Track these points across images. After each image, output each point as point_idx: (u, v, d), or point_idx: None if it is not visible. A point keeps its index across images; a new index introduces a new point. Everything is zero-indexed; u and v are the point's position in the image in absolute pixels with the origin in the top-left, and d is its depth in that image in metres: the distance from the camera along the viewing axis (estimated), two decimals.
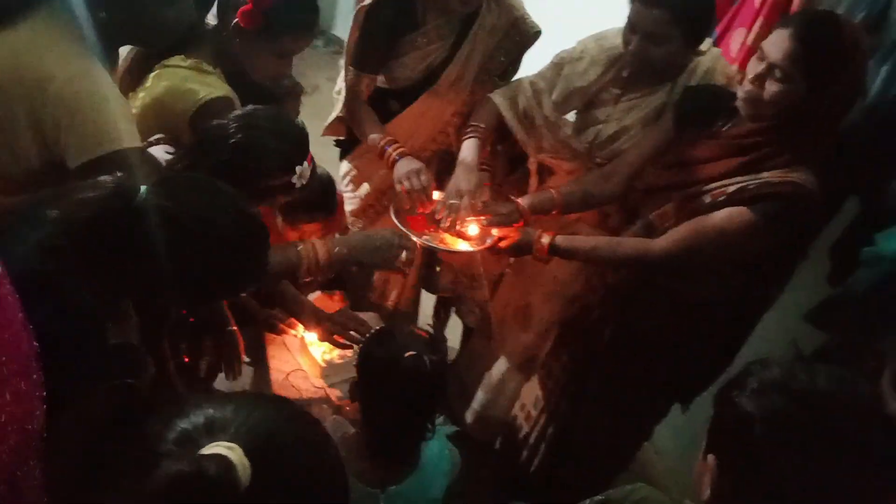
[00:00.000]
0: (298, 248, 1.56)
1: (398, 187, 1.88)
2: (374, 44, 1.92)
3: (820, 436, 0.87)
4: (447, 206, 1.80)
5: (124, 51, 1.61)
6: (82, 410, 0.87)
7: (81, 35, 1.22)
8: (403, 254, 1.69)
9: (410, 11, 1.91)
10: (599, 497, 1.15)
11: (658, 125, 1.82)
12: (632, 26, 1.69)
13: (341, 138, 2.21)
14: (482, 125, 1.96)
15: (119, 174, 0.99)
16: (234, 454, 0.65)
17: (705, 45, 1.84)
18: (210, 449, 0.66)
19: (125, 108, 1.27)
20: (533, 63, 2.11)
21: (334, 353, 2.00)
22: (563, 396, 2.17)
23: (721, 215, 1.57)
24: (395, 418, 1.35)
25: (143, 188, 0.97)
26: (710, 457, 0.96)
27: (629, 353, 1.93)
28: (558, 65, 1.93)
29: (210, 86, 1.53)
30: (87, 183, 0.98)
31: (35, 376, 0.85)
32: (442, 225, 1.80)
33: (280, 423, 0.73)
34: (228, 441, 0.67)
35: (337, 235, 2.06)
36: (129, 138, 1.22)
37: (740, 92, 1.53)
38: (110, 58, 1.38)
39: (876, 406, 0.90)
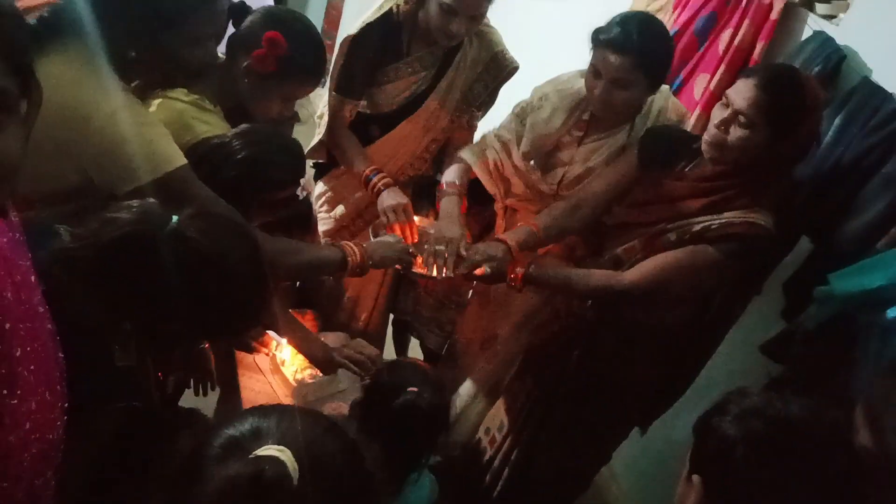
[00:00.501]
0: (340, 246, 1.69)
1: (383, 218, 1.94)
2: (359, 71, 1.98)
3: (793, 456, 0.95)
4: (435, 253, 1.84)
5: None
6: (87, 430, 0.87)
7: (111, 69, 1.25)
8: (412, 248, 1.84)
9: (395, 42, 1.97)
10: None
11: (622, 159, 1.90)
12: (595, 72, 1.76)
13: (320, 161, 2.24)
14: (457, 182, 2.03)
15: (151, 200, 0.99)
16: (286, 456, 0.69)
17: None
18: (263, 451, 0.70)
19: (164, 131, 1.29)
20: (511, 95, 2.19)
21: (305, 373, 2.01)
22: (527, 421, 2.22)
23: (686, 252, 1.68)
24: (387, 445, 1.37)
25: (174, 218, 0.99)
26: (696, 478, 1.03)
27: (594, 378, 2.00)
28: (519, 115, 1.99)
29: (208, 123, 1.55)
30: (120, 204, 0.99)
31: (59, 387, 0.86)
32: (430, 272, 1.86)
33: (319, 432, 0.78)
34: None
35: None
36: (175, 159, 1.26)
37: (705, 136, 1.62)
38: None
39: (841, 431, 0.98)
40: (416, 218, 2.00)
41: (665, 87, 1.96)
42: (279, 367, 2.02)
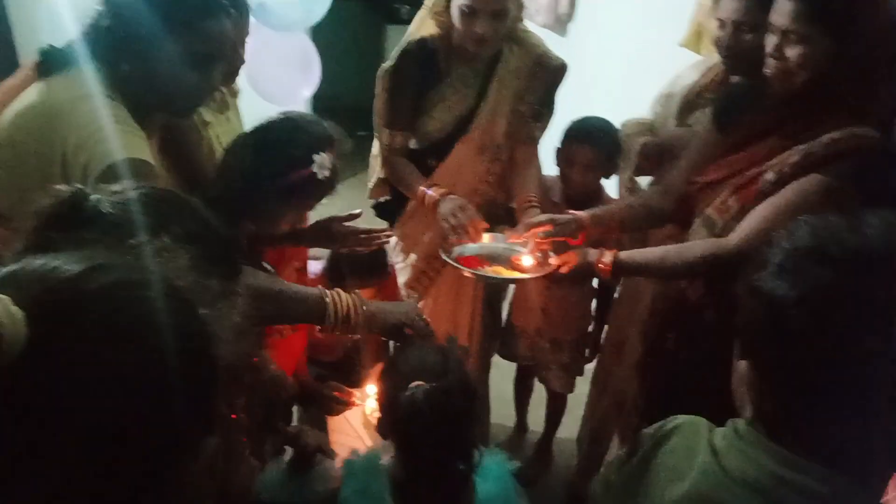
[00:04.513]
0: (321, 294, 1.38)
1: (444, 226, 1.84)
2: (403, 101, 1.97)
3: (880, 305, 0.67)
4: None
5: None
6: None
7: (107, 84, 1.30)
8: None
9: (432, 65, 1.95)
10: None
11: (701, 131, 1.76)
12: (721, 23, 1.74)
13: (383, 201, 2.21)
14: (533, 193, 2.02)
15: (78, 186, 0.87)
16: None
17: None
18: None
19: (139, 134, 1.30)
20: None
21: None
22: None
23: (792, 189, 1.44)
24: (417, 461, 1.19)
25: (93, 196, 0.86)
26: (742, 364, 0.77)
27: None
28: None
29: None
30: (47, 191, 0.87)
31: None
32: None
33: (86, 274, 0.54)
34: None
35: None
36: (140, 153, 1.25)
37: (766, 70, 1.46)
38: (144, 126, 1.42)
39: None
40: (486, 236, 1.88)
41: None
42: (369, 421, 1.89)
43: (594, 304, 2.32)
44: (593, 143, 2.04)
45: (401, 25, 6.22)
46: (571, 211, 1.78)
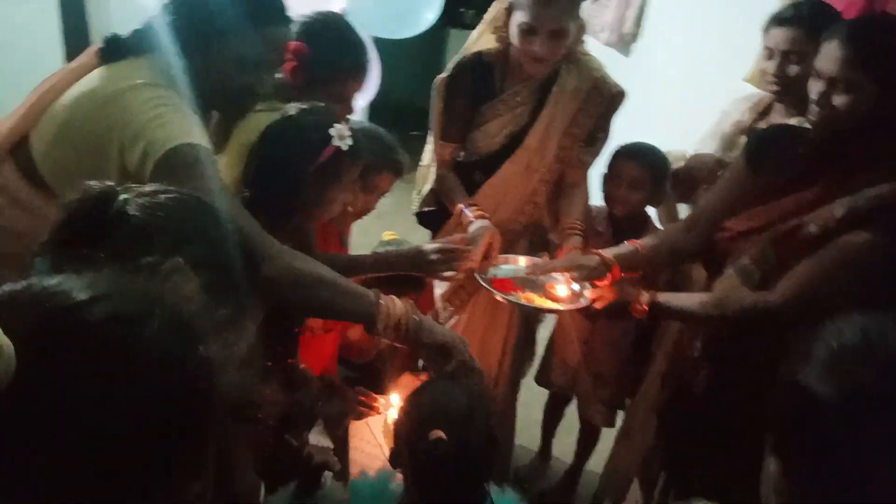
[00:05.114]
0: (377, 296, 1.36)
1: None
2: (456, 113, 1.96)
3: None
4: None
5: None
6: None
7: (167, 75, 1.32)
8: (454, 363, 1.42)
9: (488, 79, 1.93)
10: None
11: (732, 166, 1.71)
12: (769, 53, 1.78)
13: (426, 210, 2.20)
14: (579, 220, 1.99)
15: (108, 183, 0.86)
16: None
17: None
18: None
19: (198, 121, 1.31)
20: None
21: None
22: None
23: (837, 246, 1.40)
24: (428, 499, 1.17)
25: (122, 196, 0.86)
26: (771, 462, 0.73)
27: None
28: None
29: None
30: (78, 186, 0.87)
31: None
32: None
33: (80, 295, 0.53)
34: None
35: None
36: (200, 138, 1.25)
37: (810, 115, 1.42)
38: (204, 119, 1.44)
39: None
40: (522, 259, 1.87)
41: None
42: (389, 428, 1.88)
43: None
44: (639, 159, 2.01)
45: (463, 30, 6.29)
46: (595, 251, 1.74)
